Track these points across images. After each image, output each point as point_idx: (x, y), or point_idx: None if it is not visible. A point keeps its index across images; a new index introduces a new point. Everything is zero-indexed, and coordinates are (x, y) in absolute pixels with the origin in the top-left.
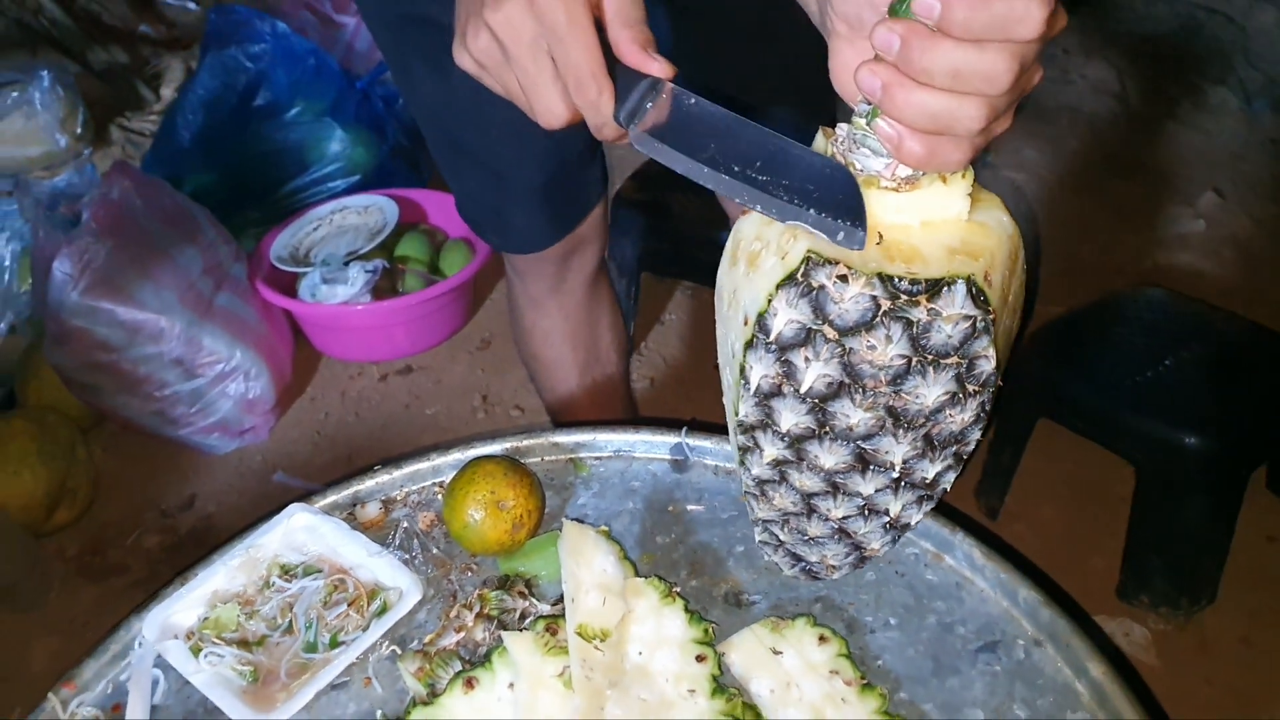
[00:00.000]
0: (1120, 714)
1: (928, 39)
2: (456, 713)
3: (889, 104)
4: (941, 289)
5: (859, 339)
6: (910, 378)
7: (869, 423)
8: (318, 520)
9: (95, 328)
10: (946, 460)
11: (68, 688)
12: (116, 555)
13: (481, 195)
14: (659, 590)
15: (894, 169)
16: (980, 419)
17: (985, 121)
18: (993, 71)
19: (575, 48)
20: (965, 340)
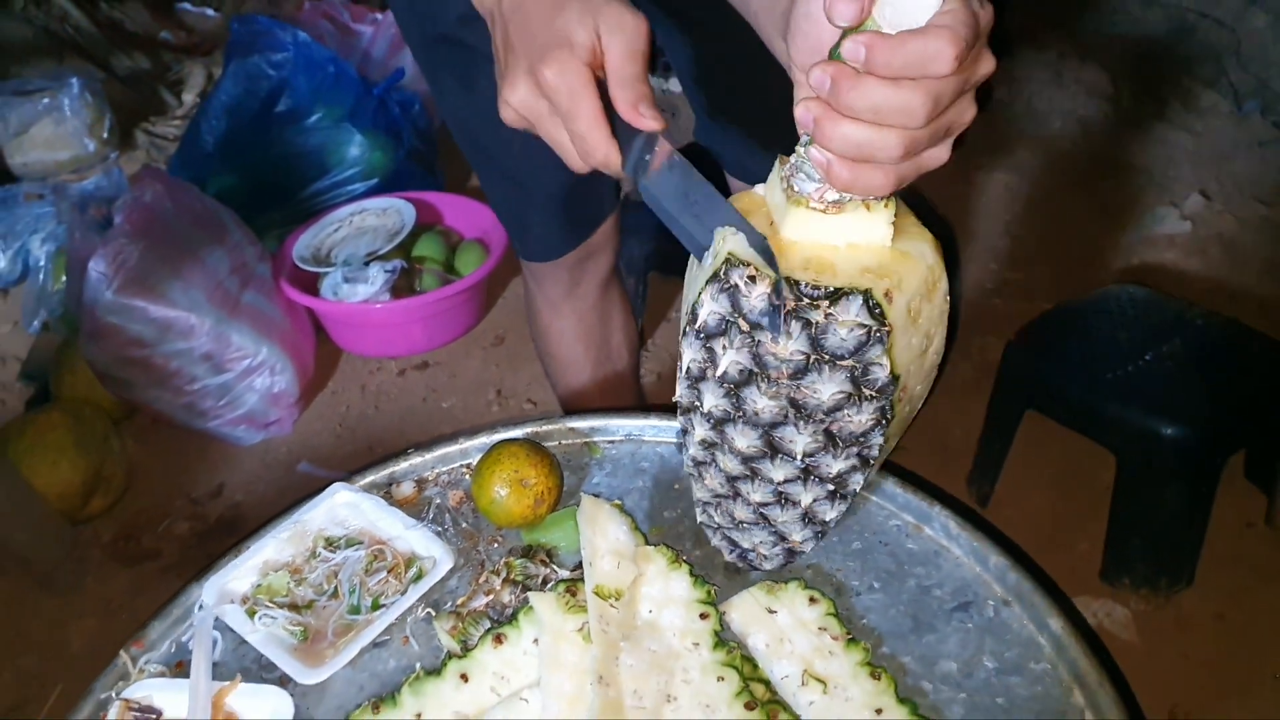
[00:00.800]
0: (1076, 663)
1: (853, 79)
2: (487, 665)
3: (819, 135)
4: (841, 298)
5: (765, 333)
6: (809, 373)
7: (773, 410)
8: (358, 498)
9: (128, 324)
10: (850, 460)
11: (136, 646)
12: (149, 541)
13: (506, 204)
14: (667, 556)
15: (823, 193)
16: (881, 424)
17: (903, 150)
18: (909, 106)
19: (579, 122)
20: (860, 346)
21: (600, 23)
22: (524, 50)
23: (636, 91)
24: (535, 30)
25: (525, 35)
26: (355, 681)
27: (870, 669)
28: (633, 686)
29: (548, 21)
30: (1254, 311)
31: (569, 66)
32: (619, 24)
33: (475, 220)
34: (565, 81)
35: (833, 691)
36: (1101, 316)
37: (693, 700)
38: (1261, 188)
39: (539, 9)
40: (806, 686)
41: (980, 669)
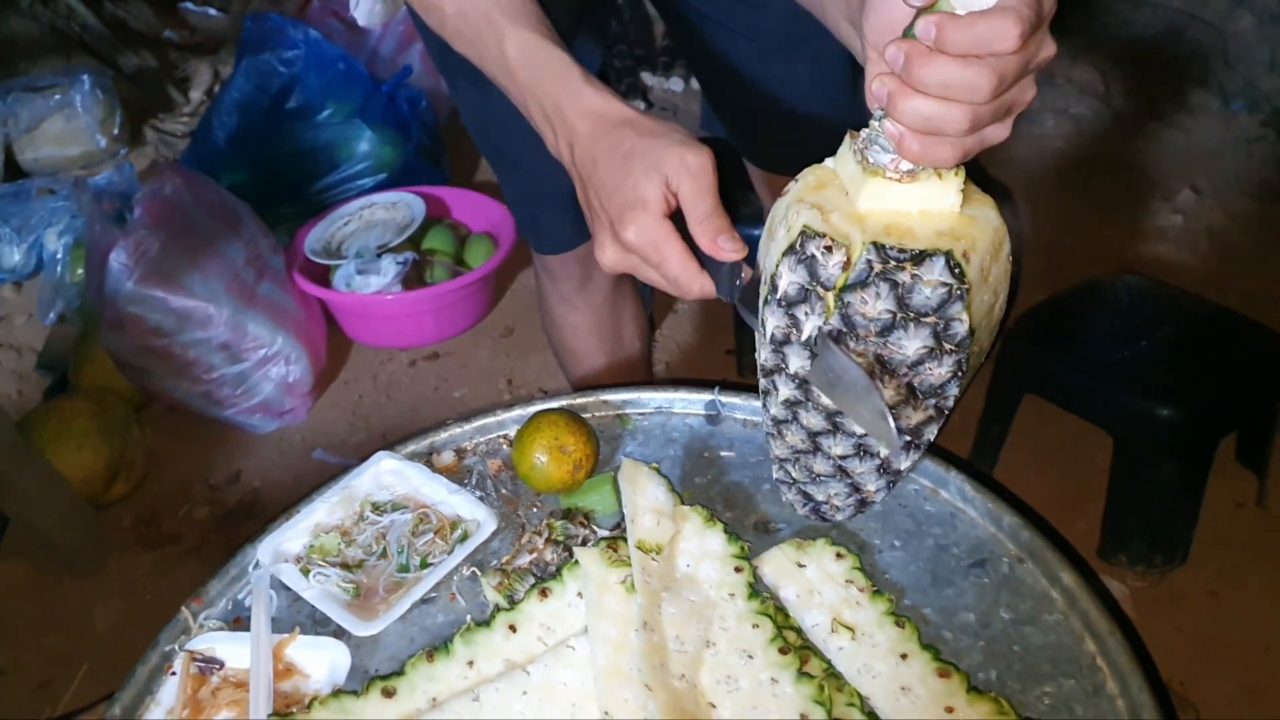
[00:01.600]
0: (1087, 613)
1: (925, 56)
2: (534, 616)
3: (892, 108)
4: (925, 259)
5: (855, 294)
6: (895, 330)
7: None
8: (402, 465)
9: (149, 314)
10: (928, 411)
11: (196, 603)
12: (170, 525)
13: (520, 199)
14: (702, 515)
15: (897, 164)
16: (957, 376)
17: (969, 124)
18: (975, 83)
19: (669, 269)
20: (942, 303)
21: (666, 172)
22: (604, 211)
23: (714, 226)
24: (610, 190)
25: (602, 195)
26: (406, 635)
27: (895, 618)
28: (674, 633)
29: (619, 182)
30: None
31: (646, 225)
32: (683, 168)
33: (483, 214)
34: (646, 239)
35: (860, 638)
36: (1097, 304)
37: (730, 646)
38: (1249, 183)
39: (608, 168)
40: (836, 634)
41: (997, 620)
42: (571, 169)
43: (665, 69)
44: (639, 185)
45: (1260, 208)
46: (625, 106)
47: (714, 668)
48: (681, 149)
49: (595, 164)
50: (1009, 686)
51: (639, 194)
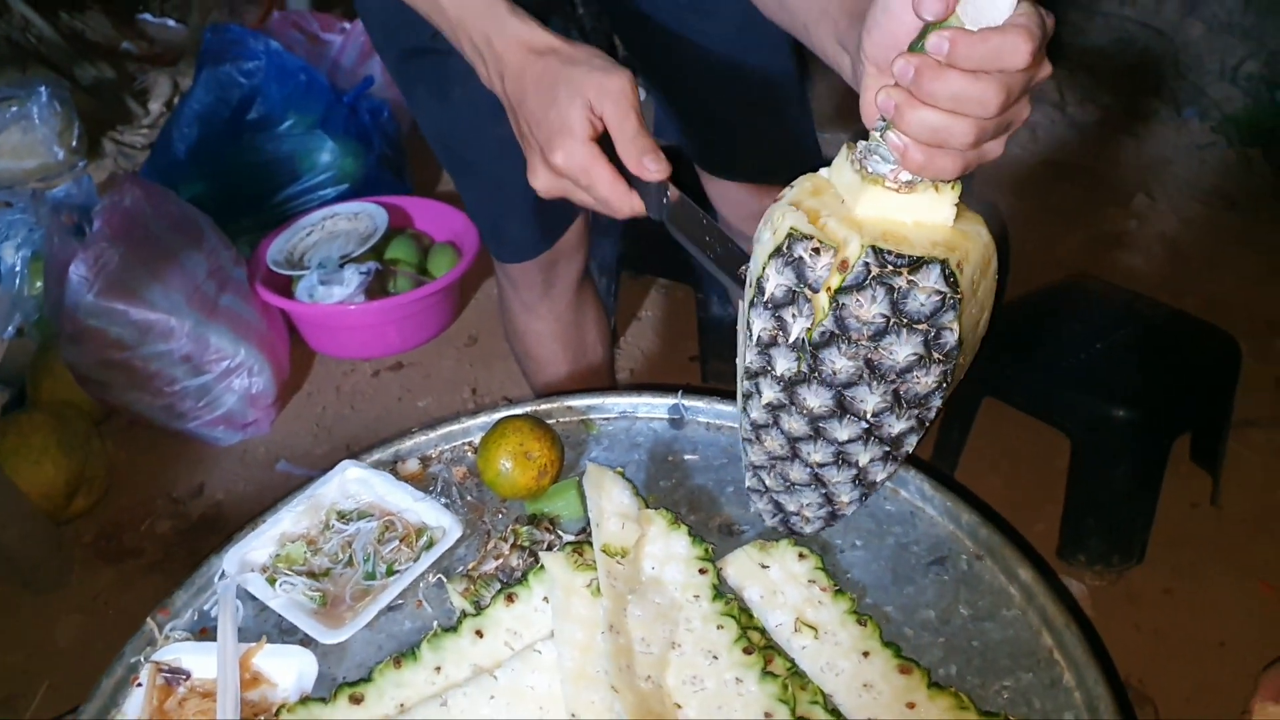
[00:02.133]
0: (1045, 608)
1: (936, 69)
2: (501, 621)
3: (900, 119)
4: (921, 265)
5: (851, 296)
6: (887, 335)
7: (850, 370)
8: (367, 473)
9: (109, 327)
10: (910, 421)
11: (162, 614)
12: (131, 539)
13: (481, 208)
14: (667, 518)
15: (897, 174)
16: (942, 387)
17: (974, 138)
18: (984, 97)
19: (598, 189)
20: (935, 311)
21: (590, 96)
22: (533, 137)
23: (638, 147)
24: (537, 117)
25: (531, 122)
26: (374, 642)
27: (856, 617)
28: (640, 635)
29: (544, 108)
30: (1197, 305)
31: (573, 150)
32: (604, 92)
33: (446, 223)
34: (574, 163)
35: (823, 637)
36: (1054, 308)
37: (695, 646)
38: (1202, 188)
39: (535, 96)
40: (799, 633)
41: (956, 616)
42: (503, 97)
43: None
44: (564, 112)
45: (1212, 212)
46: (550, 35)
47: (679, 668)
48: (602, 75)
49: (524, 93)
50: (969, 681)
51: (565, 120)
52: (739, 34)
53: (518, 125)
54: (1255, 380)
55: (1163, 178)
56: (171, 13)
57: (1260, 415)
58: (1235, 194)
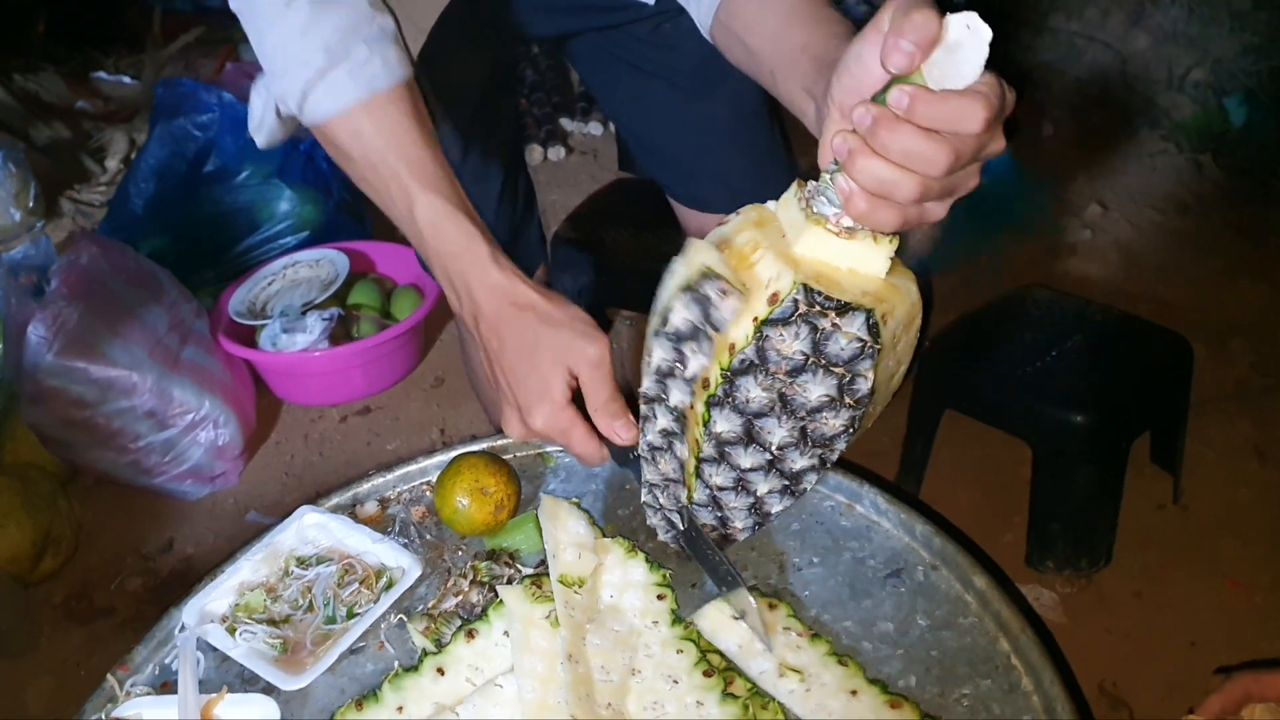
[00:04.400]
0: (1000, 614)
1: (893, 122)
2: (462, 658)
3: (850, 165)
4: (848, 311)
5: (775, 329)
6: (804, 373)
7: (762, 401)
8: (325, 518)
9: (70, 386)
10: (813, 459)
11: (122, 670)
12: (102, 599)
13: None
14: (624, 546)
15: (839, 219)
16: (848, 432)
17: (918, 194)
18: (934, 156)
19: (574, 448)
20: (853, 357)
21: (568, 362)
22: (511, 393)
23: (610, 413)
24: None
25: (511, 379)
26: (336, 685)
27: (837, 658)
28: (600, 663)
29: (527, 371)
30: (1152, 311)
31: (553, 415)
32: (584, 360)
33: (408, 266)
34: (554, 426)
35: (809, 679)
36: (1008, 318)
37: (655, 671)
38: (1154, 196)
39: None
40: (784, 678)
41: (914, 627)
42: (474, 334)
43: (584, 114)
44: (546, 378)
45: (1164, 219)
46: (528, 288)
47: (640, 694)
48: (583, 342)
49: (502, 345)
50: (928, 690)
51: (546, 387)
52: (704, 66)
53: (490, 372)
54: (1213, 381)
55: (1115, 187)
56: (126, 70)
57: (1219, 415)
58: (1187, 199)
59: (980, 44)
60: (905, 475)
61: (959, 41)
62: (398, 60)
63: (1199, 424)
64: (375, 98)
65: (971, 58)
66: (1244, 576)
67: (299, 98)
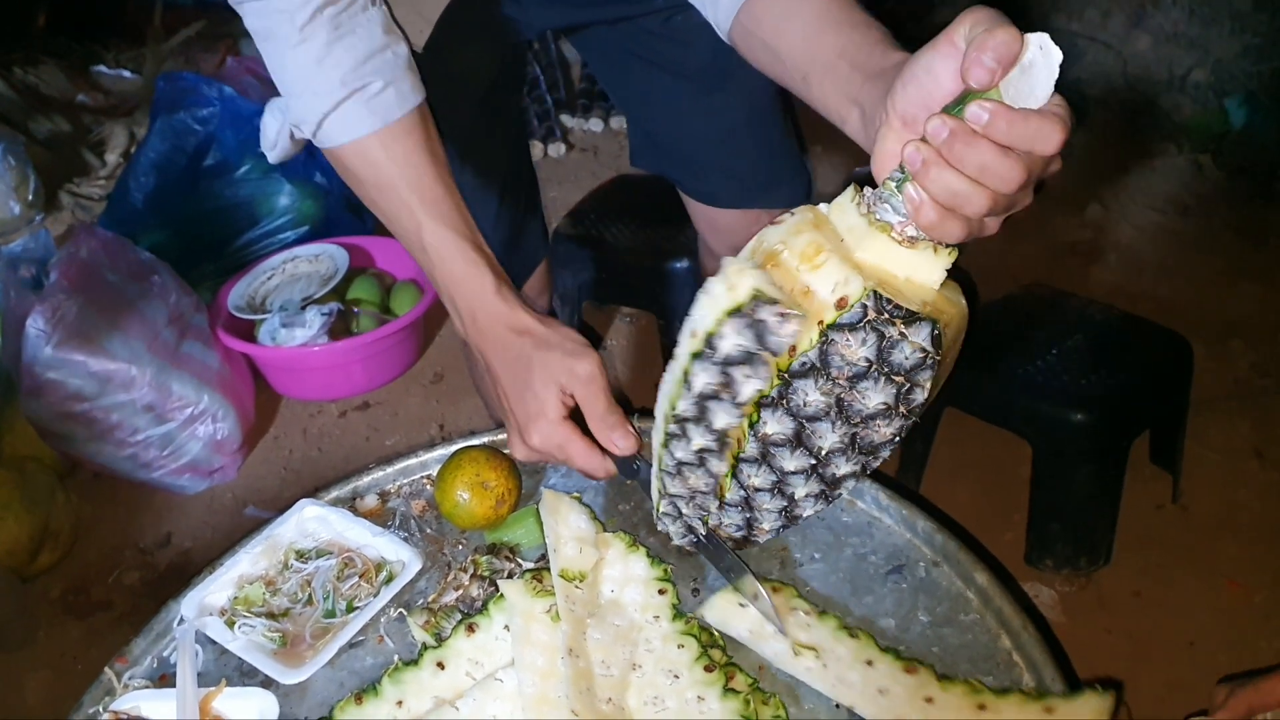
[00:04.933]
0: (1002, 611)
1: (970, 136)
2: (462, 651)
3: (923, 176)
4: (915, 321)
5: (842, 334)
6: (865, 380)
7: (819, 405)
8: (325, 511)
9: (69, 379)
10: (856, 465)
11: (120, 662)
12: (99, 592)
13: None
14: (625, 541)
15: (904, 227)
16: (895, 440)
17: (988, 209)
18: (1008, 174)
19: (574, 462)
20: (915, 367)
21: (562, 381)
22: (511, 414)
23: (608, 425)
24: (516, 396)
25: (510, 399)
26: (335, 679)
27: (848, 631)
28: (600, 658)
29: (521, 391)
30: (1152, 310)
31: (549, 431)
32: (575, 377)
33: (407, 261)
34: (551, 443)
35: (823, 655)
36: (1010, 317)
37: (656, 666)
38: (1154, 197)
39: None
40: (800, 656)
41: (915, 624)
42: (478, 353)
43: (584, 110)
44: (540, 396)
45: (1165, 219)
46: (528, 316)
47: (641, 689)
48: (572, 360)
49: (502, 368)
50: None
51: (540, 405)
52: (716, 60)
53: (493, 388)
54: (1213, 381)
55: (1116, 187)
56: (126, 64)
57: (1219, 415)
58: (1187, 200)
59: (1051, 65)
60: (905, 473)
61: (1032, 61)
62: (411, 88)
63: (1198, 424)
64: (389, 127)
65: (1043, 79)
66: (1243, 576)
67: (314, 126)
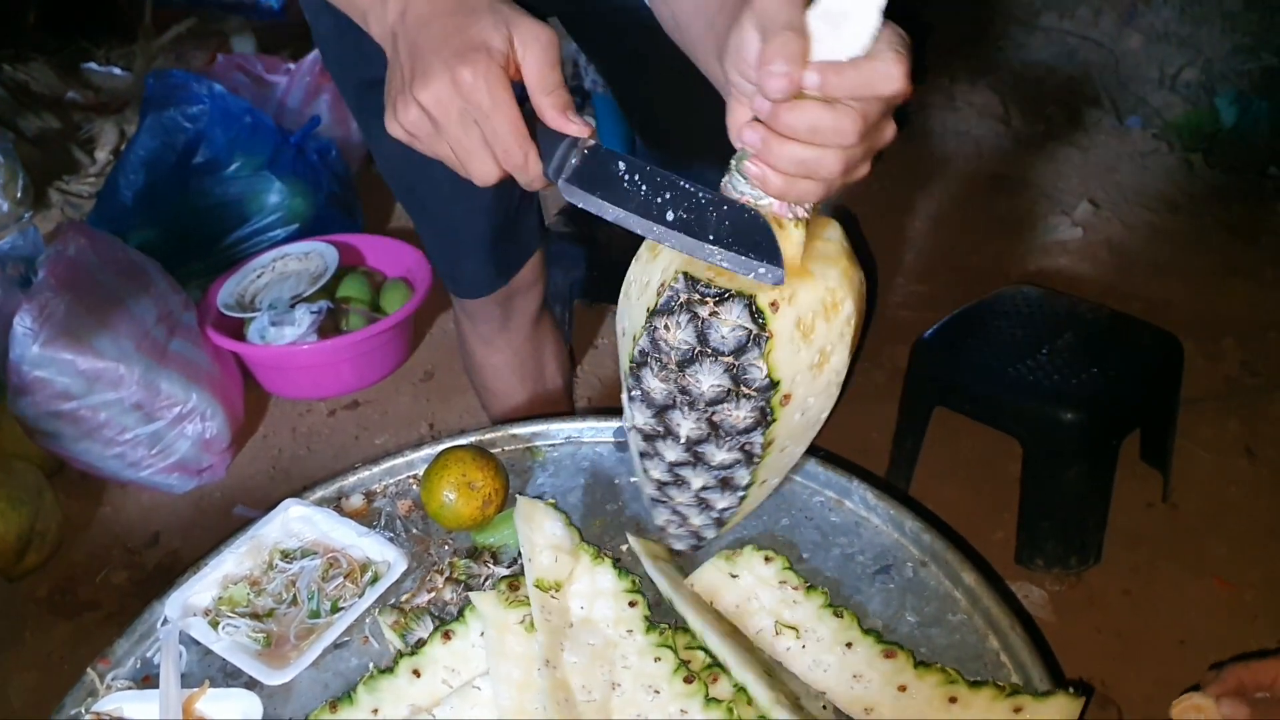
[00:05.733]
0: (989, 611)
1: (794, 105)
2: (438, 659)
3: (766, 153)
4: (727, 299)
5: (661, 319)
6: (693, 364)
7: (663, 393)
8: (310, 511)
9: (57, 377)
10: (734, 452)
11: (103, 664)
12: (87, 592)
13: (438, 244)
14: (589, 553)
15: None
16: (761, 424)
17: (842, 167)
18: (843, 127)
19: (499, 121)
20: (739, 347)
21: (515, 33)
22: (437, 55)
23: (562, 100)
24: (448, 36)
25: (437, 42)
26: (320, 681)
27: (833, 609)
28: (580, 682)
29: (460, 29)
30: (1143, 309)
31: (488, 68)
32: (534, 35)
33: (398, 259)
34: (485, 82)
35: (804, 634)
36: (999, 316)
37: (635, 683)
38: (1145, 195)
39: (450, 20)
40: (781, 635)
41: (903, 624)
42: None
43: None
44: (486, 33)
45: (1156, 218)
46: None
47: (623, 708)
48: (531, 20)
49: (431, 20)
50: None
51: (484, 39)
52: None
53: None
54: (1204, 379)
55: (1107, 186)
56: (117, 61)
57: (1209, 414)
58: (1178, 199)
59: (869, 9)
60: (895, 472)
61: (844, 12)
62: None
63: (1189, 422)
64: None
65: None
66: (1233, 575)
67: None
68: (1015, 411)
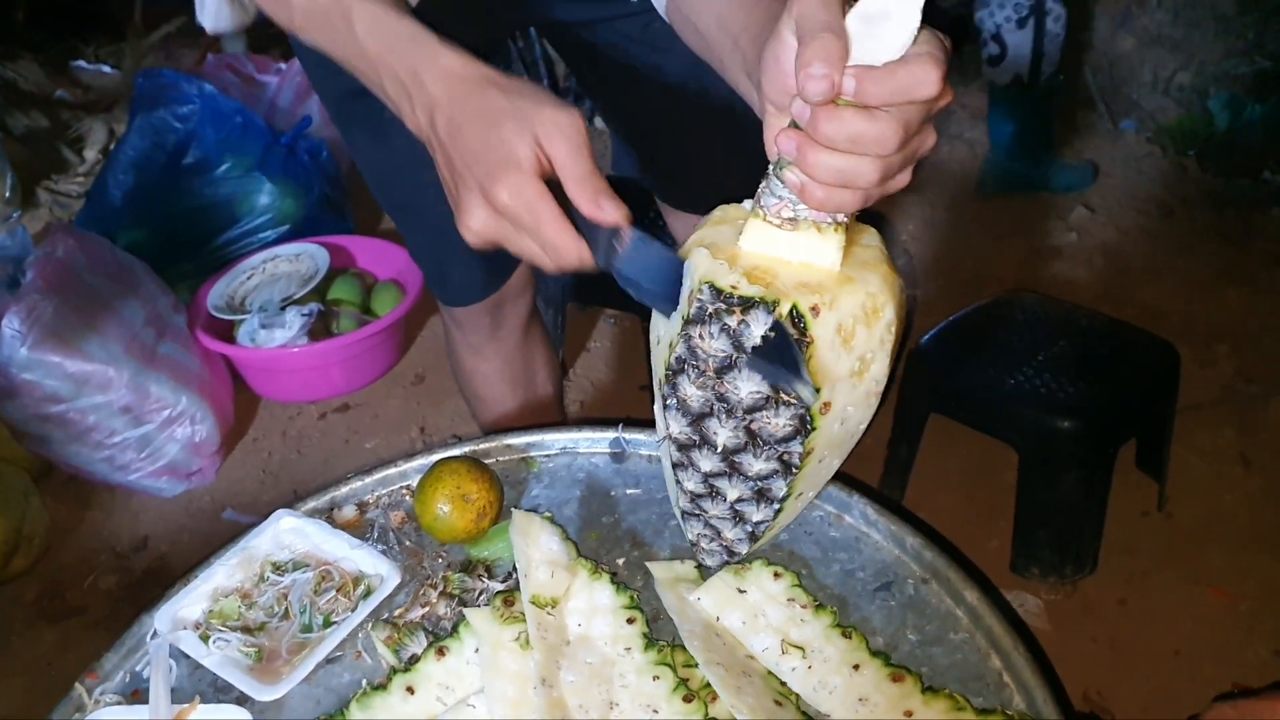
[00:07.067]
0: (992, 630)
1: (830, 110)
2: (432, 676)
3: (802, 162)
4: (752, 306)
5: (695, 328)
6: (731, 370)
7: (700, 400)
8: (301, 522)
9: (44, 380)
10: (771, 462)
11: (91, 678)
12: (75, 597)
13: (425, 252)
14: (587, 568)
15: (779, 209)
16: (800, 432)
17: (879, 176)
18: (883, 135)
19: (545, 233)
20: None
21: (538, 131)
22: (470, 174)
23: (593, 187)
24: (476, 151)
25: (468, 158)
26: (312, 696)
27: (841, 630)
28: (577, 701)
29: (485, 141)
30: (1138, 315)
31: (520, 184)
32: (556, 127)
33: (389, 261)
34: (521, 200)
35: (811, 654)
36: (995, 322)
37: (633, 702)
38: (1140, 199)
39: (474, 129)
40: (787, 655)
41: (904, 642)
42: (431, 140)
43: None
44: (510, 143)
45: (1151, 222)
46: (486, 66)
47: None
48: (553, 109)
49: (459, 129)
50: None
51: (511, 152)
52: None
53: (449, 166)
54: (1199, 387)
55: (1101, 190)
56: (106, 59)
57: (1205, 421)
58: (1172, 203)
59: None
60: (889, 479)
61: (885, 12)
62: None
63: (1184, 430)
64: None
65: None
66: (1229, 584)
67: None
68: (1011, 419)
